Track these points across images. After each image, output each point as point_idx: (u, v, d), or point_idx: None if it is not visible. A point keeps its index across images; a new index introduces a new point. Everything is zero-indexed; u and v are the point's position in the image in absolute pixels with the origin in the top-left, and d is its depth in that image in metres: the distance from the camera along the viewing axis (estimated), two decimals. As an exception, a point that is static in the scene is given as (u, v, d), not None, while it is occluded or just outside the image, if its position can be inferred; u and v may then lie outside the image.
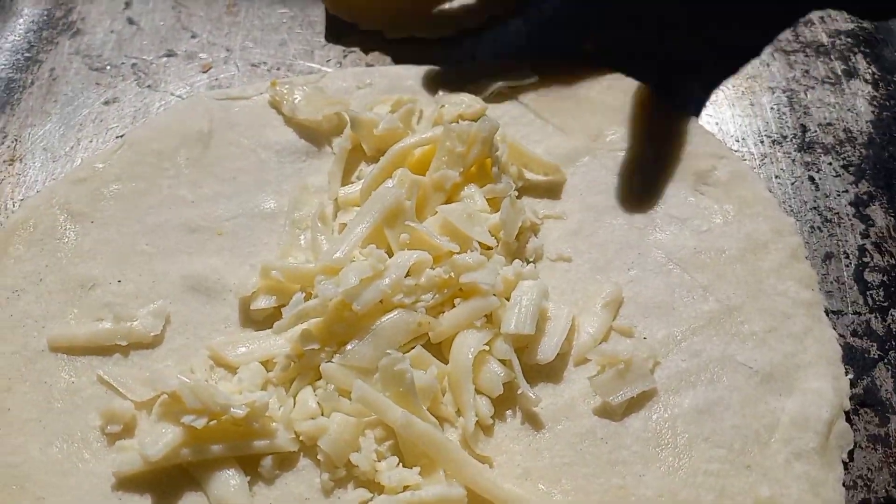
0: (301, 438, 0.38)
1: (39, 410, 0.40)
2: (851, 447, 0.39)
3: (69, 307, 0.43)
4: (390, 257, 0.42)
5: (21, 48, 0.60)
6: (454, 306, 0.42)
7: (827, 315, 0.43)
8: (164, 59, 0.59)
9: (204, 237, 0.47)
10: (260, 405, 0.37)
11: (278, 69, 0.59)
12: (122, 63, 0.58)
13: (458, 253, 0.43)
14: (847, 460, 0.39)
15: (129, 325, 0.42)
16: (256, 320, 0.43)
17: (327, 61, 0.59)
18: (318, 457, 0.38)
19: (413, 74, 0.57)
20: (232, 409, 0.37)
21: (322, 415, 0.39)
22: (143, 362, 0.42)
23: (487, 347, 0.40)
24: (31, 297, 0.44)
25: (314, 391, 0.40)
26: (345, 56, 0.59)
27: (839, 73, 0.54)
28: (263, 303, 0.43)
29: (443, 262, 0.42)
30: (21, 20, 0.62)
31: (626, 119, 0.52)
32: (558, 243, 0.47)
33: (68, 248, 0.46)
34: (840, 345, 0.42)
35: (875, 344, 0.42)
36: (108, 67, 0.58)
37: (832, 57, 0.55)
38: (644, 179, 0.49)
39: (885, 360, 0.42)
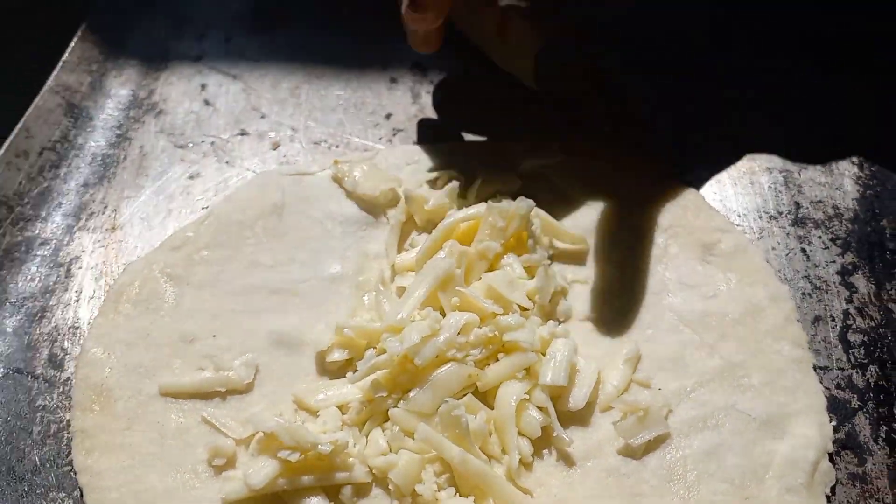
0: (374, 471, 0.46)
1: (156, 446, 0.47)
2: (834, 483, 0.45)
3: (174, 358, 0.51)
4: (444, 318, 0.50)
5: (113, 126, 0.68)
6: (498, 360, 0.49)
7: (815, 370, 0.49)
8: (239, 137, 0.67)
9: (283, 298, 0.55)
10: (341, 443, 0.45)
11: (337, 146, 0.67)
12: (203, 141, 0.67)
13: (501, 314, 0.50)
14: (830, 494, 0.45)
15: (226, 375, 0.50)
16: (331, 370, 0.51)
17: (379, 139, 0.67)
18: (389, 487, 0.45)
19: (457, 151, 0.64)
20: (320, 447, 0.44)
21: (391, 452, 0.46)
22: (239, 405, 0.49)
23: (527, 396, 0.47)
24: (142, 350, 0.52)
25: (383, 431, 0.47)
26: (394, 134, 0.67)
27: (829, 155, 0.61)
28: (337, 356, 0.51)
29: (488, 322, 0.50)
30: (111, 101, 0.70)
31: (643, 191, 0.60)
32: (585, 306, 0.54)
33: (169, 307, 0.54)
34: (825, 396, 0.48)
35: (856, 396, 0.49)
36: (191, 145, 0.66)
37: (825, 141, 0.62)
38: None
39: (864, 410, 0.48)
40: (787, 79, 0.67)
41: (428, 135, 0.67)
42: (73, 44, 0.72)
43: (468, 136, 0.66)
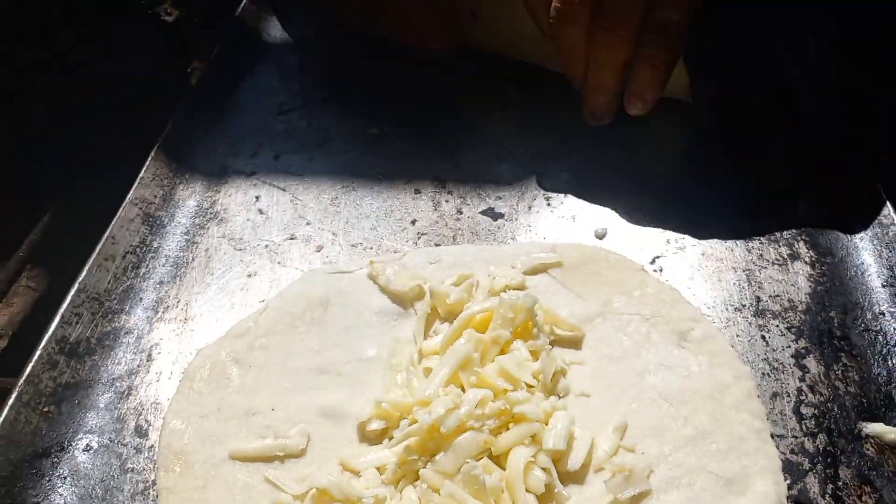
0: (408, 521, 0.56)
1: (227, 501, 0.57)
2: (788, 532, 0.55)
3: (240, 428, 0.62)
4: (464, 393, 0.60)
5: (182, 232, 0.80)
6: (509, 429, 0.59)
7: (772, 438, 0.58)
8: (288, 241, 0.79)
9: (329, 377, 0.65)
10: (380, 497, 0.55)
11: (371, 248, 0.78)
12: (258, 245, 0.79)
13: (511, 391, 0.61)
14: (785, 542, 0.55)
15: (283, 442, 0.60)
16: (370, 438, 0.61)
17: (406, 241, 0.79)
18: (419, 534, 0.55)
19: (471, 252, 0.76)
20: (363, 500, 0.54)
21: (421, 505, 0.56)
22: (295, 467, 0.59)
23: (533, 459, 0.57)
24: (213, 421, 0.62)
25: (414, 489, 0.57)
26: (419, 237, 0.79)
27: (785, 256, 0.71)
28: (375, 425, 0.61)
29: (500, 397, 0.60)
30: (180, 210, 0.83)
31: (629, 287, 0.71)
32: (580, 383, 0.64)
33: (235, 386, 0.65)
34: (781, 460, 0.57)
35: (807, 459, 0.58)
36: (248, 248, 0.78)
37: (780, 244, 0.72)
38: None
39: (814, 471, 0.57)
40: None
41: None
42: (147, 163, 0.85)
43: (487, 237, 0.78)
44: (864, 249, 0.70)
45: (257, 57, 1.05)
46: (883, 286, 0.67)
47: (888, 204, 0.71)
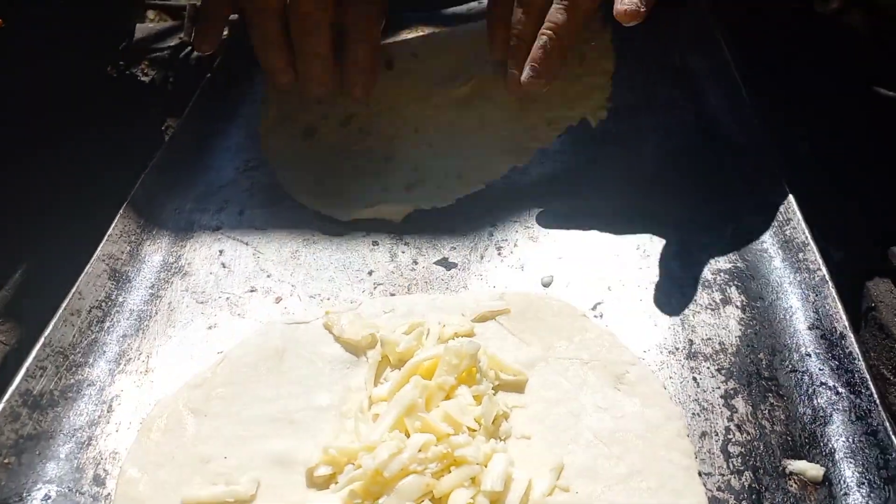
0: (351, 563, 0.58)
1: (179, 546, 0.60)
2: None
3: (194, 476, 0.64)
4: (408, 438, 0.63)
5: (147, 286, 0.84)
6: (450, 472, 0.62)
7: (700, 476, 0.61)
8: (248, 293, 0.83)
9: (281, 425, 0.68)
10: (325, 540, 0.58)
11: (328, 298, 0.82)
12: (219, 297, 0.82)
13: (453, 435, 0.64)
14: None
15: (233, 489, 0.63)
16: (318, 483, 0.63)
17: (363, 292, 0.83)
18: (362, 575, 0.57)
19: (424, 301, 0.80)
20: (307, 542, 0.57)
21: (365, 546, 0.59)
22: (245, 513, 0.62)
23: (472, 500, 0.60)
24: (168, 469, 0.65)
25: (359, 531, 0.60)
26: (375, 287, 0.83)
27: (718, 301, 0.75)
28: (323, 471, 0.64)
29: (443, 441, 0.63)
30: (146, 265, 0.87)
31: (570, 332, 0.74)
32: (522, 426, 0.67)
33: (190, 435, 0.67)
34: (708, 497, 0.59)
35: (732, 496, 0.60)
36: (209, 301, 0.82)
37: (713, 289, 0.77)
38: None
39: None
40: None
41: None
42: (116, 220, 0.89)
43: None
44: (791, 294, 0.74)
45: (228, 116, 1.10)
46: (809, 329, 0.71)
47: (814, 248, 0.75)
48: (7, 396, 0.68)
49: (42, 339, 0.74)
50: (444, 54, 1.02)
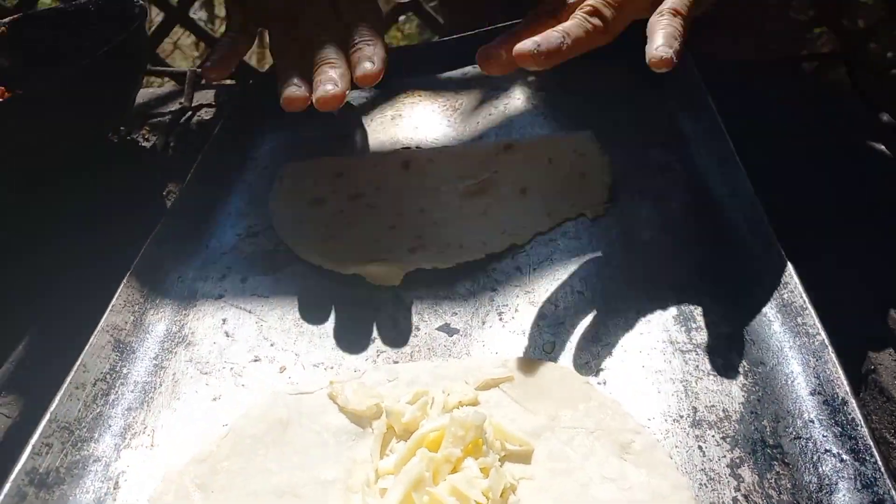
0: None
1: None
2: None
3: (200, 554, 0.64)
4: (416, 513, 0.63)
5: (151, 357, 0.85)
6: (459, 547, 0.62)
7: None
8: (252, 363, 0.83)
9: (286, 499, 0.68)
10: None
11: (332, 367, 0.82)
12: (223, 368, 0.83)
13: (461, 509, 0.64)
14: None
15: (241, 567, 0.63)
16: (326, 561, 0.64)
17: (366, 359, 0.83)
18: None
19: (427, 369, 0.81)
20: None
21: None
22: None
23: (481, 574, 0.60)
24: (175, 547, 0.65)
25: None
26: (378, 356, 0.84)
27: (720, 367, 0.76)
28: (331, 548, 0.64)
29: (451, 515, 0.63)
30: (149, 336, 0.87)
31: (574, 400, 0.75)
32: (530, 498, 0.67)
33: (197, 511, 0.68)
34: None
35: None
36: (213, 372, 0.82)
37: (715, 354, 0.77)
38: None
39: None
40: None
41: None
42: (119, 290, 0.90)
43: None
44: (792, 359, 0.75)
45: (229, 181, 1.12)
46: (811, 394, 0.71)
47: (812, 312, 0.76)
48: (13, 476, 0.68)
49: (48, 415, 0.73)
50: (460, 160, 1.09)
